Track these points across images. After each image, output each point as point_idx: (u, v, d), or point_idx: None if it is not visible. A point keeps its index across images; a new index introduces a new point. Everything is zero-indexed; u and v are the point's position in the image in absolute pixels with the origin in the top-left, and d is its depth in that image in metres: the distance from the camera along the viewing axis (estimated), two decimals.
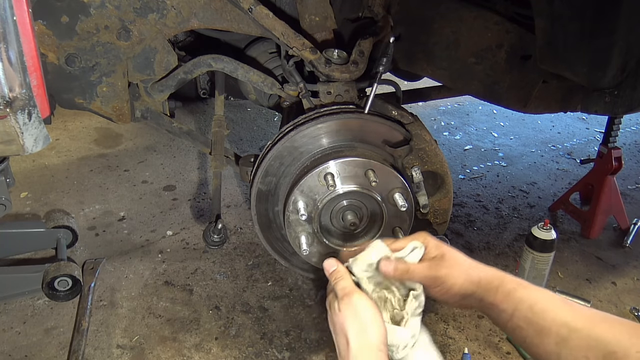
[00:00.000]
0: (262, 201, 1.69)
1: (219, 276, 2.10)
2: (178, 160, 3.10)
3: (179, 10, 1.61)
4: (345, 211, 1.61)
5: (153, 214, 2.53)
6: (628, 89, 1.48)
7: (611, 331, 0.76)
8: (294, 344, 1.78)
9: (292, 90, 1.77)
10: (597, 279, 2.17)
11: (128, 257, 2.20)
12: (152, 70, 1.70)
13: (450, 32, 1.76)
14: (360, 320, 0.92)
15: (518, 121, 3.87)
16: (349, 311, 0.93)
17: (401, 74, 2.38)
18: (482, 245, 2.35)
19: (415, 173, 1.67)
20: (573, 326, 0.80)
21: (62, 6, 1.48)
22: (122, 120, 1.74)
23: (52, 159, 3.03)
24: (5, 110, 1.14)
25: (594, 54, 1.43)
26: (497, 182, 2.96)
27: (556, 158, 3.32)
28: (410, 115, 1.68)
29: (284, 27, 1.63)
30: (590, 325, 0.79)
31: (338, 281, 1.00)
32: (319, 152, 1.62)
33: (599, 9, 1.35)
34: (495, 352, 1.77)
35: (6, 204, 1.67)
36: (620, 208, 2.48)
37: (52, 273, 1.83)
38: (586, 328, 0.79)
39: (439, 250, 1.01)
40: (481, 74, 1.75)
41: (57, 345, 1.74)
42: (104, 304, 1.92)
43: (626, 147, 3.51)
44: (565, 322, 0.81)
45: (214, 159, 1.95)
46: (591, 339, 0.77)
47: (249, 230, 2.41)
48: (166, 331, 1.81)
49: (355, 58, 1.67)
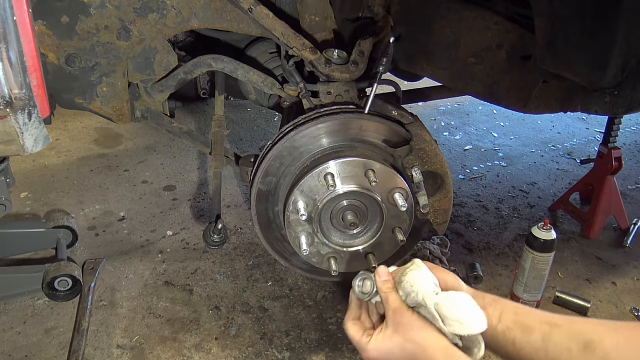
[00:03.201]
0: (262, 201, 1.69)
1: (219, 276, 2.10)
2: (178, 160, 3.10)
3: (179, 10, 1.61)
4: (345, 211, 1.61)
5: (153, 214, 2.53)
6: (628, 89, 1.48)
7: (588, 325, 0.86)
8: (294, 344, 1.78)
9: (292, 90, 1.77)
10: (597, 279, 2.17)
11: (128, 257, 2.20)
12: (152, 70, 1.71)
13: (450, 32, 1.76)
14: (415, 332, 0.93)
15: (518, 121, 3.87)
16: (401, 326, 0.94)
17: (401, 74, 2.38)
18: (482, 245, 2.35)
19: (415, 173, 1.67)
20: (554, 323, 0.87)
21: (62, 6, 1.48)
22: (122, 120, 1.75)
23: (52, 159, 3.03)
24: (5, 110, 1.14)
25: (594, 54, 1.43)
26: (497, 182, 2.96)
27: (556, 158, 3.32)
28: (410, 115, 1.68)
29: (284, 27, 1.63)
30: (570, 322, 0.87)
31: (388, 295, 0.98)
32: (319, 152, 1.62)
33: (599, 9, 1.35)
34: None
35: (6, 204, 1.68)
36: (620, 208, 2.48)
37: (52, 273, 1.83)
38: (566, 324, 0.87)
39: None
40: (481, 74, 1.75)
41: (57, 345, 1.74)
42: (104, 304, 1.92)
43: (626, 147, 3.51)
44: (546, 320, 0.88)
45: (214, 159, 1.95)
46: (572, 332, 0.85)
47: (249, 230, 2.42)
48: (166, 331, 1.81)
49: (355, 58, 1.67)
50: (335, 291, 2.03)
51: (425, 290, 0.94)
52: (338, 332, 1.83)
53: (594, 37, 1.39)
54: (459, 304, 0.92)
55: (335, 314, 1.92)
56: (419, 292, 0.94)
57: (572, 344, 0.83)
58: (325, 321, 1.89)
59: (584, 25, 1.40)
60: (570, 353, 0.83)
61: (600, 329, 0.84)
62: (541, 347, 0.86)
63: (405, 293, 0.97)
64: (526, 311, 0.92)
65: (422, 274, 0.97)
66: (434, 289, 0.95)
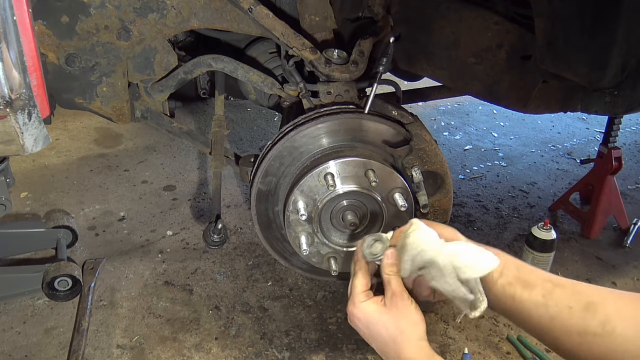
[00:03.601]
0: (262, 201, 1.69)
1: (219, 276, 2.10)
2: (178, 160, 3.10)
3: (179, 10, 1.61)
4: (345, 211, 1.61)
5: (153, 214, 2.53)
6: (628, 89, 1.48)
7: (592, 288, 0.87)
8: (294, 344, 1.78)
9: (292, 90, 1.77)
10: (597, 279, 2.17)
11: (128, 257, 2.20)
12: (152, 70, 1.70)
13: (450, 32, 1.76)
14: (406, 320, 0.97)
15: (518, 121, 3.87)
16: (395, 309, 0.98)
17: (401, 74, 2.38)
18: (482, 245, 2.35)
19: (415, 173, 1.67)
20: (557, 282, 0.88)
21: (62, 6, 1.48)
22: (122, 120, 1.74)
23: (52, 159, 3.03)
24: (5, 110, 1.14)
25: (594, 54, 1.43)
26: (497, 182, 2.96)
27: (556, 158, 3.32)
28: (410, 115, 1.68)
29: (284, 27, 1.63)
30: (573, 283, 0.88)
31: (391, 278, 1.00)
32: (319, 152, 1.62)
33: (599, 9, 1.35)
34: (495, 352, 1.77)
35: (6, 204, 1.68)
36: (620, 208, 2.48)
37: (52, 273, 1.83)
38: (569, 284, 0.87)
39: None
40: (481, 74, 1.75)
41: (57, 345, 1.74)
42: (104, 304, 1.92)
43: (626, 147, 3.51)
44: (549, 279, 0.89)
45: (214, 159, 1.95)
46: (574, 291, 0.85)
47: (249, 230, 2.41)
48: (166, 331, 1.81)
49: (355, 58, 1.67)
50: (335, 291, 2.03)
51: (431, 246, 0.95)
52: (338, 332, 1.83)
53: (594, 37, 1.39)
54: (466, 250, 0.94)
55: (335, 314, 1.92)
56: (426, 251, 0.95)
57: (574, 303, 0.83)
58: (325, 321, 1.89)
59: (584, 25, 1.40)
60: (570, 311, 0.83)
61: (604, 292, 0.84)
62: (541, 303, 0.86)
63: (411, 257, 0.97)
64: (529, 269, 0.92)
65: (423, 233, 0.98)
66: (438, 244, 0.96)
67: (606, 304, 0.81)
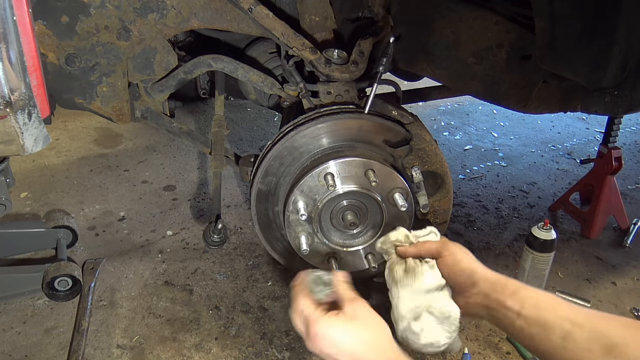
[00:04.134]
0: (262, 201, 1.69)
1: (219, 276, 2.10)
2: (178, 160, 3.10)
3: (179, 10, 1.61)
4: (345, 211, 1.61)
5: (153, 214, 2.53)
6: (628, 89, 1.48)
7: (610, 326, 0.83)
8: (294, 344, 1.78)
9: (292, 90, 1.77)
10: (597, 279, 2.17)
11: (128, 257, 2.20)
12: (152, 70, 1.71)
13: (450, 32, 1.76)
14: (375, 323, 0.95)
15: (518, 121, 3.87)
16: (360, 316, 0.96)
17: (401, 74, 2.38)
18: (482, 245, 2.35)
19: (415, 173, 1.67)
20: (575, 321, 0.85)
21: (62, 6, 1.48)
22: (122, 120, 1.75)
23: (52, 159, 3.03)
24: (5, 110, 1.14)
25: (594, 54, 1.43)
26: (497, 182, 2.96)
27: (556, 158, 3.32)
28: (410, 115, 1.68)
29: (284, 27, 1.63)
30: (591, 321, 0.85)
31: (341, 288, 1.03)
32: (319, 152, 1.62)
33: (599, 9, 1.35)
34: (495, 352, 1.77)
35: (6, 204, 1.67)
36: (620, 208, 2.48)
37: (52, 273, 1.83)
38: (587, 323, 0.84)
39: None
40: (481, 74, 1.75)
41: (57, 345, 1.74)
42: (104, 304, 1.92)
43: (626, 147, 3.51)
44: (568, 317, 0.87)
45: (214, 159, 1.95)
46: (593, 332, 0.83)
47: (249, 230, 2.41)
48: (166, 331, 1.81)
49: (355, 58, 1.67)
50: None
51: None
52: None
53: (594, 37, 1.40)
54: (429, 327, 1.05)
55: None
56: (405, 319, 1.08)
57: (594, 346, 0.81)
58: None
59: (584, 25, 1.40)
60: (590, 354, 0.81)
61: (625, 332, 0.81)
62: (560, 345, 0.85)
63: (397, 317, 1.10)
64: (548, 306, 0.91)
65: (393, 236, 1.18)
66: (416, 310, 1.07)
67: (627, 346, 0.78)
